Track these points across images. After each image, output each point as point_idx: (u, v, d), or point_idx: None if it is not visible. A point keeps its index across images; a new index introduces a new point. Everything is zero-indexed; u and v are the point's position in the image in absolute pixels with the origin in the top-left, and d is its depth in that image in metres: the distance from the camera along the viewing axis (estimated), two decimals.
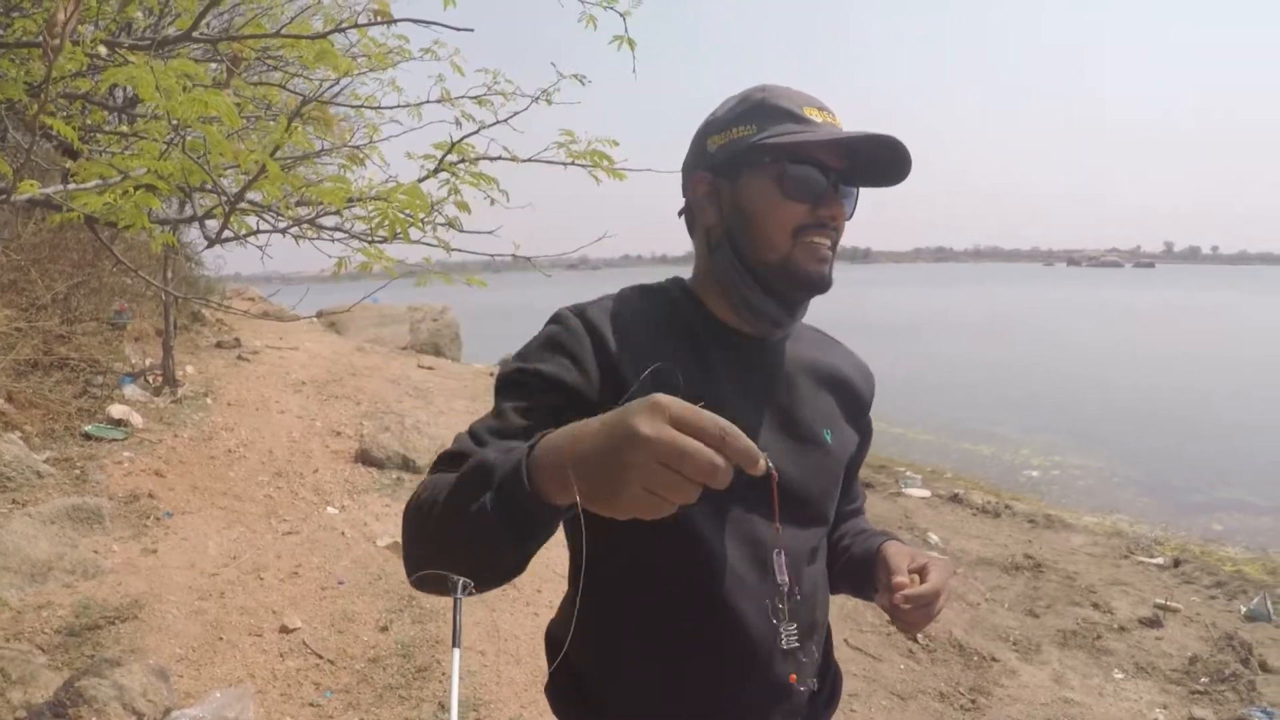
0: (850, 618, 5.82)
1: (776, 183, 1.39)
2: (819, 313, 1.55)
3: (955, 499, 9.97)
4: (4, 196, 1.66)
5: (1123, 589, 6.99)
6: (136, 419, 7.95)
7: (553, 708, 1.53)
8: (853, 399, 1.63)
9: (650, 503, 0.88)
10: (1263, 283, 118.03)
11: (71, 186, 1.70)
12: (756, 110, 1.43)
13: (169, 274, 9.57)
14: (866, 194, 1.49)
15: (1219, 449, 13.79)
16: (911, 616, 1.40)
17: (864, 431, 1.67)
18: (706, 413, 0.89)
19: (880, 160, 1.42)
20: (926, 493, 10.28)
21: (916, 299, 73.58)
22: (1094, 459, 13.17)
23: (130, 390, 8.79)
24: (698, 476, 0.86)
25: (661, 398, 0.89)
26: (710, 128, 1.48)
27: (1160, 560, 7.95)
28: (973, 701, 4.89)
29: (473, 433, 1.33)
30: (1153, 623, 6.20)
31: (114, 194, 1.75)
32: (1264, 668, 5.50)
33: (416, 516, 1.18)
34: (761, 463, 0.91)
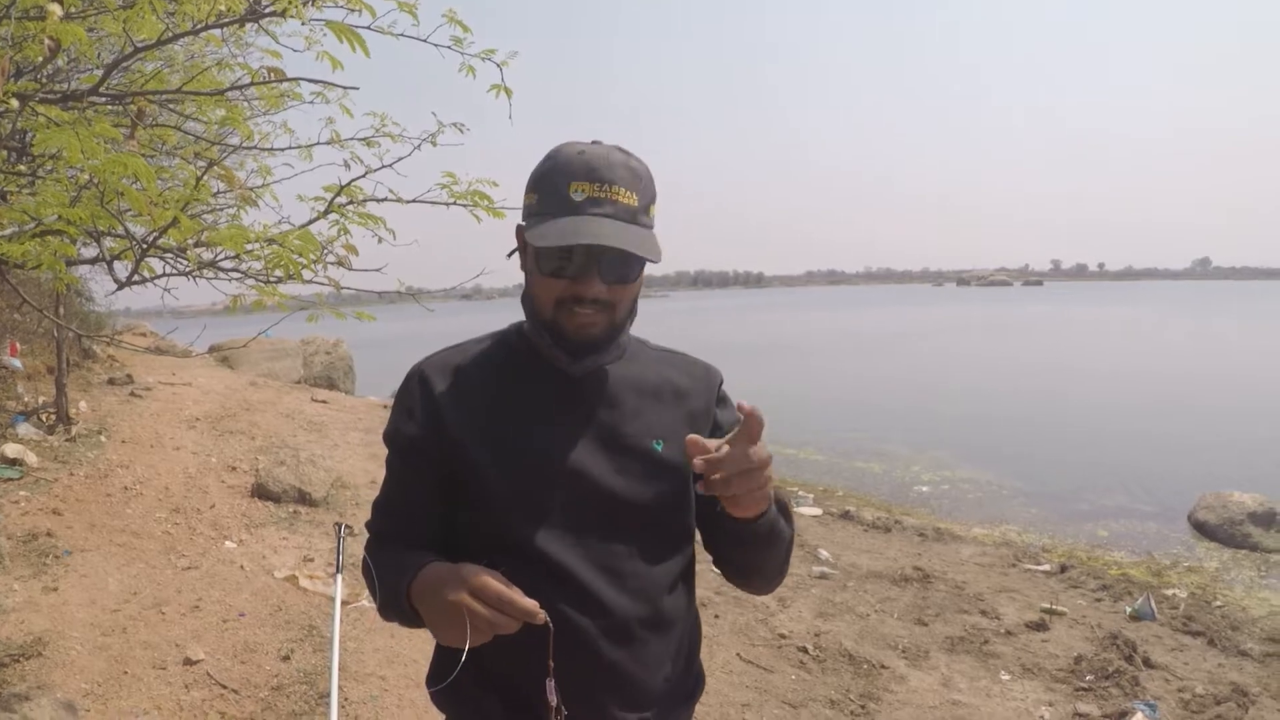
0: (742, 632, 6.01)
1: (536, 261, 1.53)
2: (709, 333, 1.64)
3: (846, 516, 10.19)
4: None
5: (1010, 596, 7.22)
6: (31, 458, 7.84)
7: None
8: (687, 407, 1.70)
9: (458, 638, 1.32)
10: (1147, 296, 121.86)
11: None
12: (542, 179, 1.53)
13: (61, 310, 9.45)
14: (756, 220, 1.56)
15: (1104, 458, 14.23)
16: (730, 486, 1.34)
17: (716, 428, 1.71)
18: (493, 584, 1.33)
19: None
20: (818, 511, 10.44)
21: (807, 320, 74.54)
22: (983, 473, 13.54)
23: (24, 429, 8.66)
24: (484, 627, 1.31)
25: (468, 575, 1.34)
26: (527, 184, 1.60)
27: (1047, 567, 8.19)
28: (863, 707, 5.05)
29: (377, 509, 1.72)
30: (1039, 626, 6.43)
31: (28, 238, 1.85)
32: (1147, 663, 5.75)
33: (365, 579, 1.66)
34: (540, 616, 1.34)
